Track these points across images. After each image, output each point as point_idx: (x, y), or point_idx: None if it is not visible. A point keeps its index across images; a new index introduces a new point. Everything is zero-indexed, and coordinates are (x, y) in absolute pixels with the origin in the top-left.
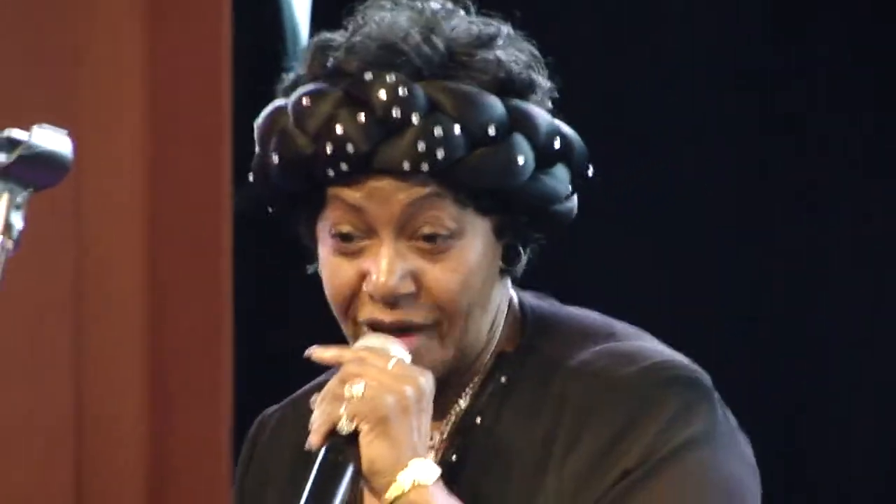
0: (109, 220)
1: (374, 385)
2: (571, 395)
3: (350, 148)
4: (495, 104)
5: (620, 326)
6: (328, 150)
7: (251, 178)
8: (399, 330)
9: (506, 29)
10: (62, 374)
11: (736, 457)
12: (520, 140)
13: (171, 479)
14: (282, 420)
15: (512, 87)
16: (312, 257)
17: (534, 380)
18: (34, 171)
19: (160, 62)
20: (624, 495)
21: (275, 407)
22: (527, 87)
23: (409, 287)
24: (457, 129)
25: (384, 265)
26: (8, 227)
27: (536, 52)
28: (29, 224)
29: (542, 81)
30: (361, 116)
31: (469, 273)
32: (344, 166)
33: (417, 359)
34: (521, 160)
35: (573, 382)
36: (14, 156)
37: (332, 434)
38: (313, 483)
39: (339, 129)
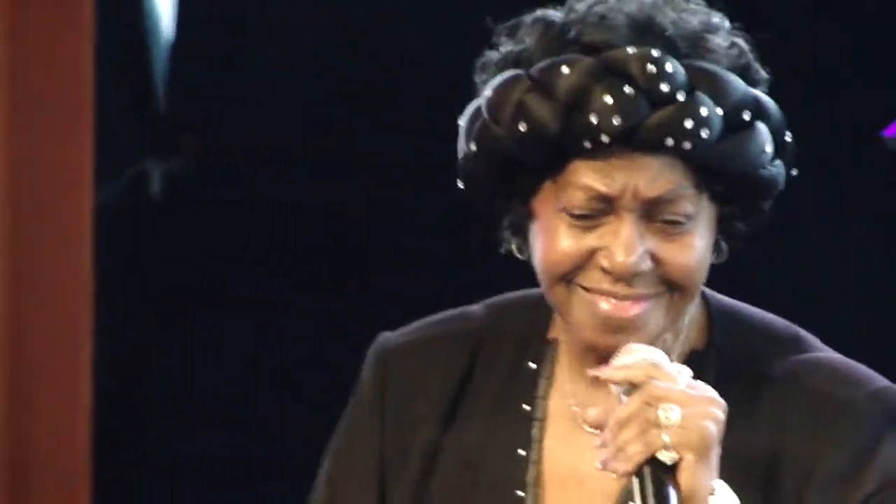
0: None
1: (691, 412)
2: (793, 415)
3: (616, 120)
4: (747, 89)
5: (801, 331)
6: (592, 120)
7: (466, 151)
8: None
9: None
10: None
11: None
12: (763, 128)
13: (31, 467)
14: (415, 357)
15: (750, 75)
16: (515, 232)
17: (736, 387)
18: None
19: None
20: None
21: (393, 339)
22: (760, 76)
23: (647, 265)
24: (719, 110)
25: (626, 244)
26: None
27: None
28: None
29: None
30: (627, 89)
31: (699, 254)
32: (605, 138)
33: (642, 324)
34: (768, 148)
35: (790, 400)
36: None
37: (647, 461)
38: None
39: (606, 100)
